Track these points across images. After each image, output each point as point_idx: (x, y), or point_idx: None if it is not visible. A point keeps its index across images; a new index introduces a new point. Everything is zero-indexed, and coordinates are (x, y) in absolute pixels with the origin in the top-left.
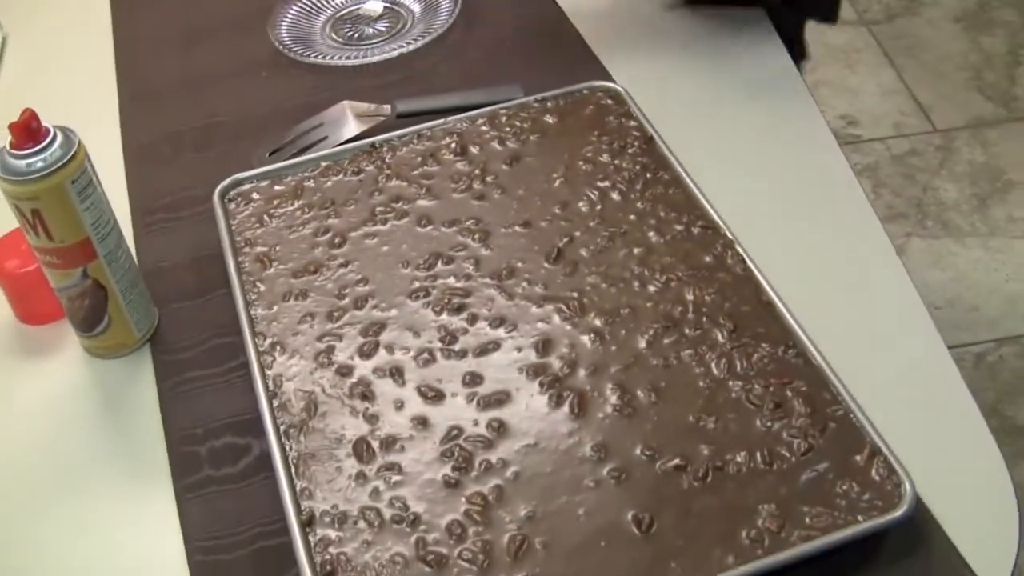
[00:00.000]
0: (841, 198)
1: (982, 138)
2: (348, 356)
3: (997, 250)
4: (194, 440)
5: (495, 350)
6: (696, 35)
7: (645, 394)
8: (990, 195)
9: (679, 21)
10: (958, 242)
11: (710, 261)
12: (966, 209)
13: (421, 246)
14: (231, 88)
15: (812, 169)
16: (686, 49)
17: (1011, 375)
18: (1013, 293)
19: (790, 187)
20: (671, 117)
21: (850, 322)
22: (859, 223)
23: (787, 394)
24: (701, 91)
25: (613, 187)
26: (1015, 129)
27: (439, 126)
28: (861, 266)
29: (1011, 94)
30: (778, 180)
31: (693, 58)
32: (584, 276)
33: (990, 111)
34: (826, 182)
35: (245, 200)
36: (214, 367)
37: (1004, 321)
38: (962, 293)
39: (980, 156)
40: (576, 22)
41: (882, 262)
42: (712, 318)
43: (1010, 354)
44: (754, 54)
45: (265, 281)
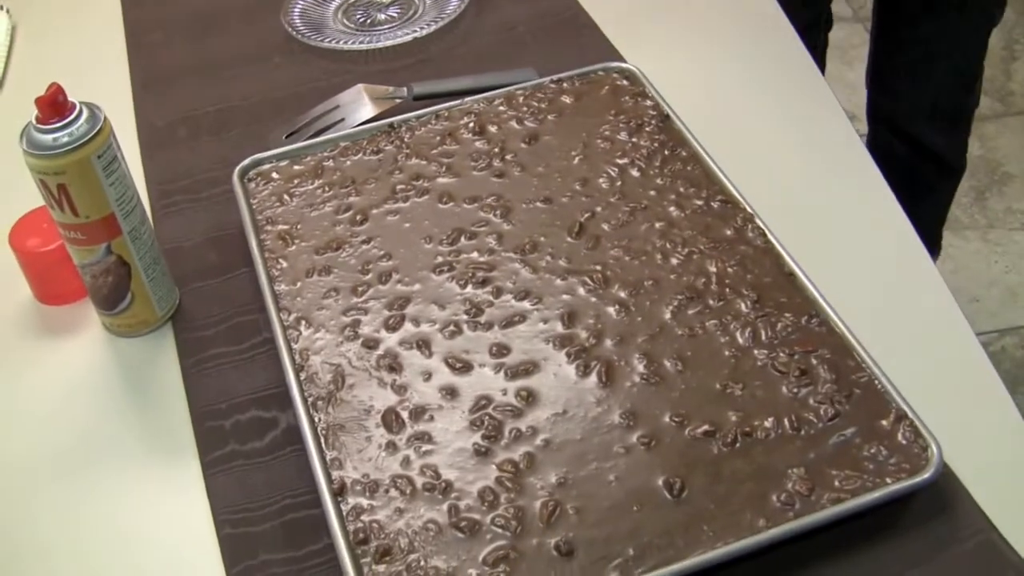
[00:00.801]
0: (854, 172)
1: (979, 132)
2: (374, 329)
3: (996, 242)
4: (219, 415)
5: (521, 322)
6: (706, 17)
7: (672, 363)
8: (988, 187)
9: (689, 1)
10: (958, 235)
11: (731, 234)
12: (965, 202)
13: (443, 222)
14: (244, 74)
15: (825, 144)
16: (696, 30)
17: (1012, 365)
18: (1013, 284)
19: (804, 162)
20: (685, 97)
21: (869, 292)
22: (871, 195)
23: (812, 361)
24: (713, 71)
25: (632, 164)
26: (1011, 123)
27: (456, 106)
28: (877, 237)
29: (1007, 89)
30: (793, 156)
31: (704, 39)
32: (607, 249)
33: (987, 106)
34: (839, 157)
35: (265, 180)
36: (237, 344)
37: (1004, 312)
38: (962, 285)
39: (977, 150)
40: (587, 6)
41: (897, 232)
42: (735, 289)
43: (1011, 344)
44: (762, 30)
45: (288, 258)
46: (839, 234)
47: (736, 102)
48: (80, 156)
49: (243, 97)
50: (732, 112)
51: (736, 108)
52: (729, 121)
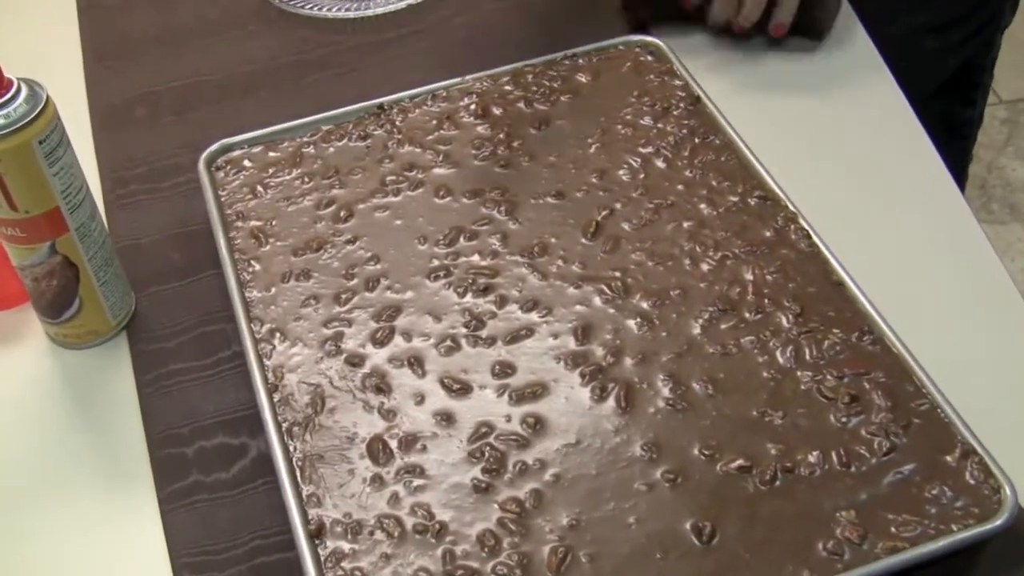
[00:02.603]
0: (913, 163)
1: None
2: (359, 344)
3: None
4: (180, 441)
5: (528, 336)
6: None
7: (701, 386)
8: None
9: None
10: None
11: (770, 236)
12: None
13: (440, 219)
14: (213, 44)
15: (879, 131)
16: None
17: None
18: None
19: (856, 152)
20: (718, 76)
21: (931, 304)
22: (935, 190)
23: (864, 386)
24: (750, 46)
25: (657, 153)
26: None
27: (455, 85)
28: (940, 240)
29: None
30: (842, 144)
31: None
32: (627, 253)
33: None
34: (896, 145)
35: (235, 168)
36: (202, 358)
37: None
38: None
39: None
40: None
41: (964, 235)
42: (775, 300)
43: None
44: None
45: (261, 259)
46: (896, 236)
47: (777, 81)
48: (18, 141)
49: (212, 71)
50: (773, 93)
51: (777, 88)
52: (769, 104)
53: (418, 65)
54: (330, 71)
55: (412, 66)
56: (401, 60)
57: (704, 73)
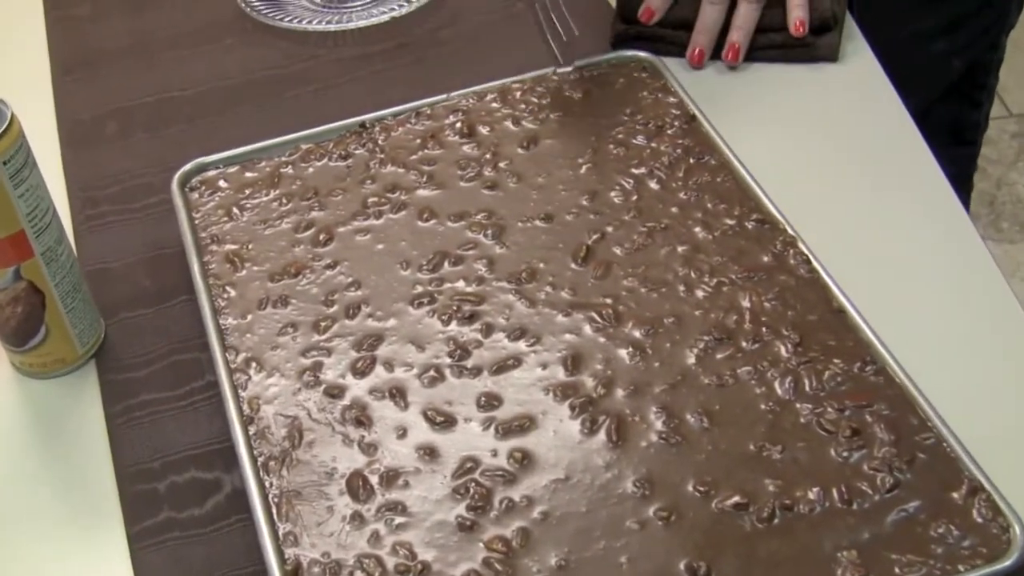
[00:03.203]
0: (917, 182)
1: None
2: (339, 374)
3: None
4: (150, 476)
5: (515, 367)
6: None
7: (696, 418)
8: None
9: None
10: None
11: (768, 261)
12: None
13: (423, 243)
14: (188, 57)
15: (881, 150)
16: None
17: None
18: None
19: (858, 172)
20: (714, 93)
21: (936, 332)
22: (942, 214)
23: (866, 419)
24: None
25: (650, 174)
26: None
27: (440, 102)
28: (947, 266)
29: None
30: (843, 164)
31: None
32: (619, 279)
33: None
34: (899, 164)
35: (210, 189)
36: (174, 388)
37: None
38: None
39: None
40: None
41: (971, 261)
42: (773, 329)
43: None
44: None
45: (236, 285)
46: (899, 260)
47: (775, 99)
48: None
49: (186, 85)
50: (770, 112)
51: (775, 107)
52: (767, 123)
53: (401, 81)
54: (310, 87)
55: (395, 82)
56: (384, 75)
57: (700, 90)
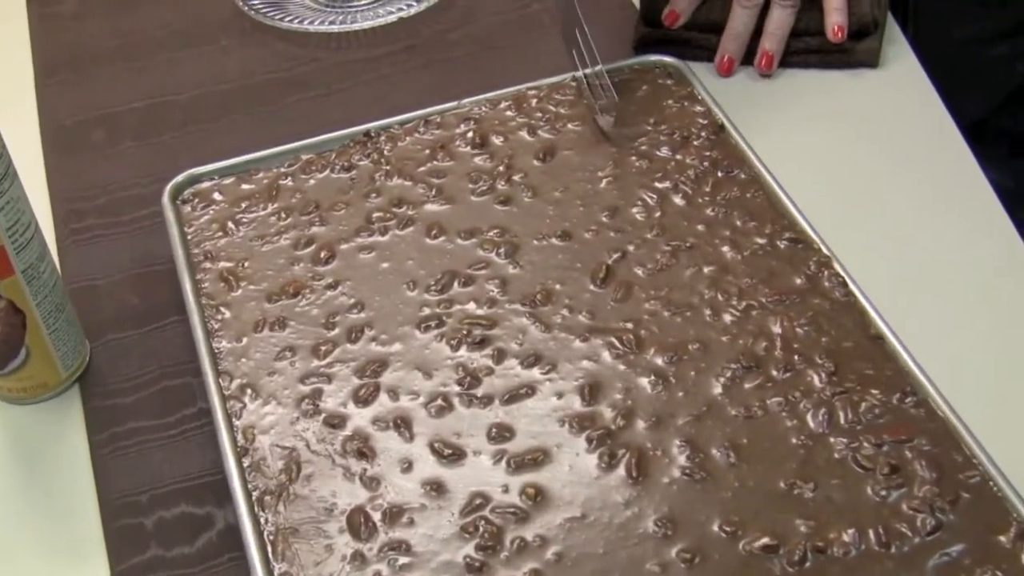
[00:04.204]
0: (967, 202)
1: None
2: (340, 403)
3: None
4: (137, 510)
5: (529, 396)
6: None
7: (722, 453)
8: None
9: None
10: None
11: (801, 284)
12: None
13: (431, 262)
14: (181, 59)
15: (927, 164)
16: None
17: None
18: None
19: (899, 188)
20: (744, 102)
21: (983, 362)
22: (991, 234)
23: (906, 455)
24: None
25: (675, 188)
26: None
27: (450, 110)
28: (995, 291)
29: None
30: (884, 179)
31: None
32: (640, 302)
33: None
34: (946, 181)
35: (204, 202)
36: (163, 416)
37: None
38: None
39: None
40: None
41: (1022, 284)
42: (806, 356)
43: None
44: None
45: (231, 305)
46: (944, 285)
47: (810, 107)
48: None
49: (179, 90)
50: (806, 122)
51: (811, 116)
52: (802, 134)
53: (409, 86)
54: (311, 92)
55: (402, 87)
56: (391, 80)
57: (729, 98)
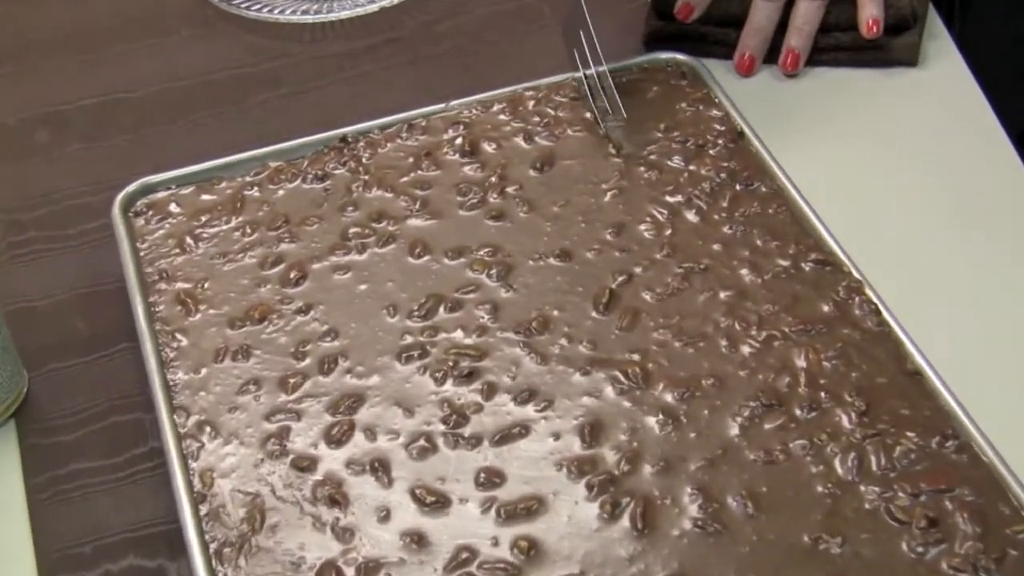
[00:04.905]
0: (1017, 220)
1: None
2: (310, 443)
3: None
4: (80, 562)
5: (522, 436)
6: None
7: (738, 503)
8: None
9: None
10: None
11: (829, 311)
12: None
13: (414, 285)
14: (137, 51)
15: (971, 177)
16: None
17: None
18: None
19: (941, 203)
20: (767, 105)
21: None
22: None
23: (946, 506)
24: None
25: (688, 203)
26: None
27: (438, 113)
28: None
29: None
30: (924, 193)
31: None
32: (648, 331)
33: None
34: (994, 198)
35: (159, 214)
36: (110, 456)
37: None
38: None
39: None
40: None
41: None
42: (834, 394)
43: None
44: None
45: (189, 332)
46: (989, 315)
47: (840, 112)
48: None
49: (133, 86)
50: (834, 128)
51: (840, 122)
52: (830, 142)
53: (392, 85)
54: (281, 91)
55: (384, 87)
56: (371, 78)
57: (749, 101)
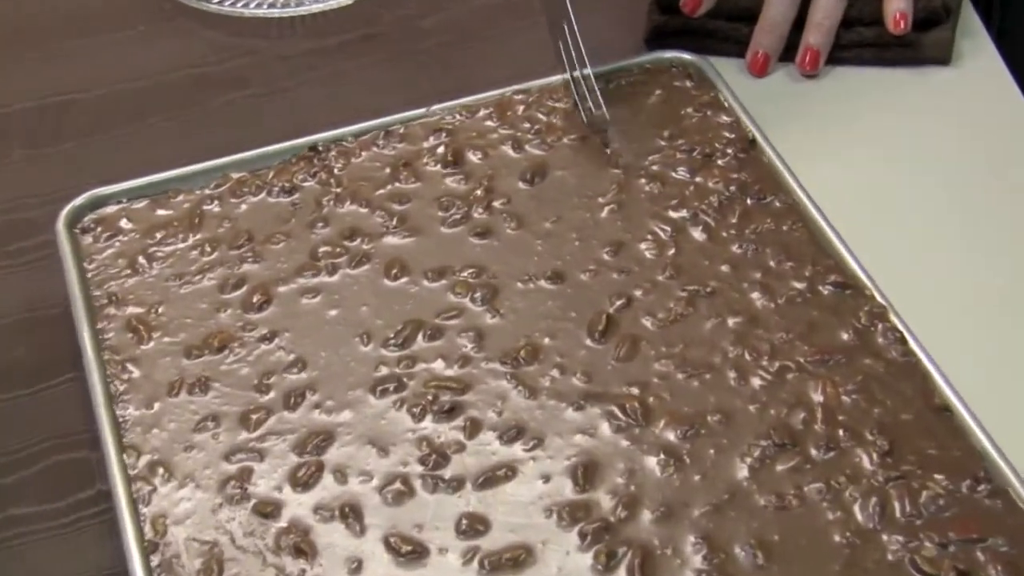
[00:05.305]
0: None
1: None
2: (274, 486)
3: None
4: None
5: (508, 479)
6: None
7: (747, 553)
8: None
9: None
10: None
11: (849, 340)
12: None
13: (390, 310)
14: (86, 48)
15: (1012, 188)
16: None
17: None
18: None
19: (976, 219)
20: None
21: None
22: None
23: (978, 557)
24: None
25: (694, 219)
26: None
27: (418, 119)
28: None
29: None
30: (957, 207)
31: None
32: (648, 361)
33: None
34: None
35: (110, 231)
36: (53, 500)
37: None
38: None
39: None
40: None
41: None
42: (854, 432)
43: None
44: None
45: (141, 362)
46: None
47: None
48: None
49: (82, 86)
50: (857, 134)
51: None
52: (852, 150)
53: (367, 87)
54: (246, 92)
55: (359, 88)
56: (345, 79)
57: (763, 104)
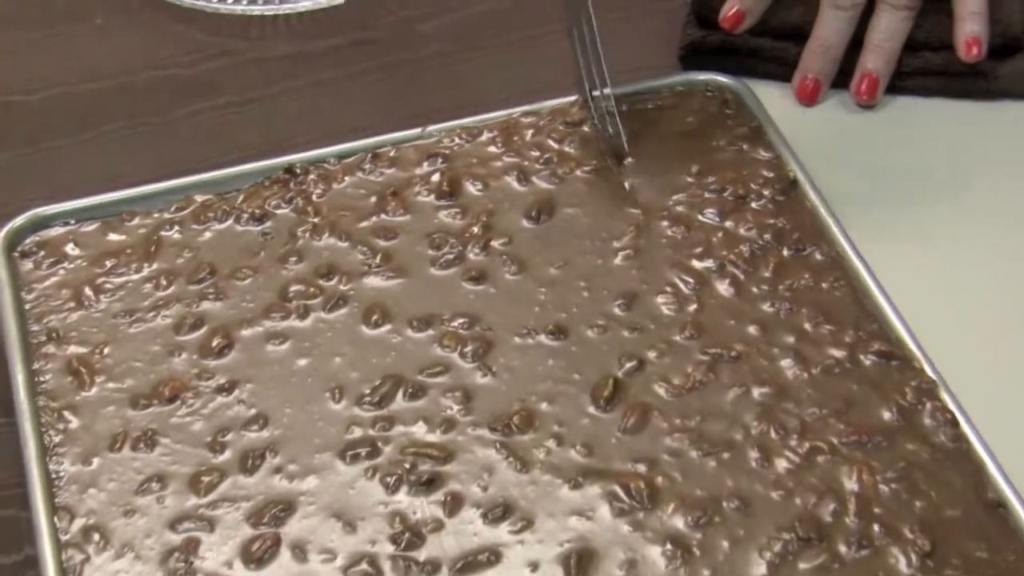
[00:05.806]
0: None
1: None
2: (223, 561)
3: None
4: None
5: (491, 564)
6: None
7: None
8: None
9: None
10: None
11: (892, 419)
12: None
13: (367, 362)
14: (38, 43)
15: None
16: None
17: None
18: None
19: None
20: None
21: None
22: None
23: None
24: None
25: (721, 271)
26: None
27: (411, 140)
28: None
29: None
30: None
31: None
32: (659, 435)
33: None
34: None
35: (53, 256)
36: None
37: None
38: None
39: None
40: None
41: None
42: (891, 528)
43: None
44: None
45: (80, 410)
46: None
47: (924, 156)
48: None
49: (28, 87)
50: (917, 176)
51: (925, 168)
52: (911, 193)
53: (355, 100)
54: (217, 100)
55: (346, 101)
56: (330, 89)
57: (808, 137)
